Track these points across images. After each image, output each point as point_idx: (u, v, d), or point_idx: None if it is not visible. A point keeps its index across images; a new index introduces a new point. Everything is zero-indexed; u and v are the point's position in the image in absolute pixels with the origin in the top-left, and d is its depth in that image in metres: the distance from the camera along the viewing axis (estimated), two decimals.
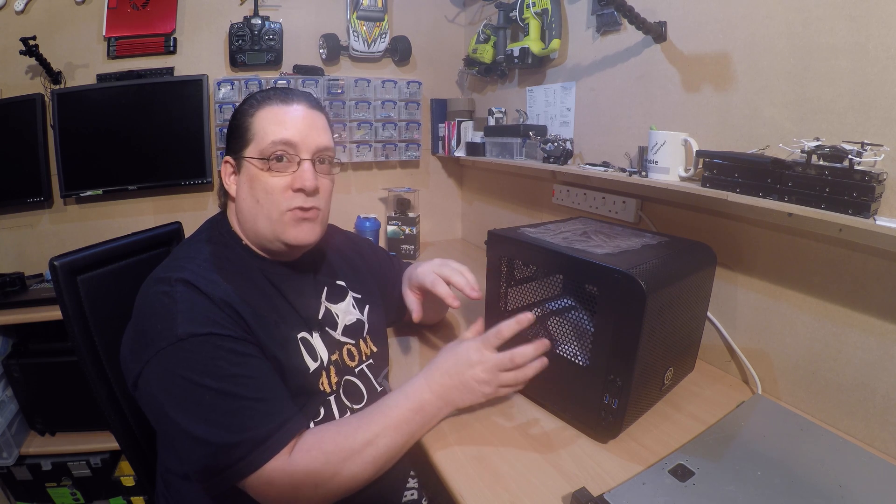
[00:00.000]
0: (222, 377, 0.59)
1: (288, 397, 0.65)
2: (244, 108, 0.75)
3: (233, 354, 0.61)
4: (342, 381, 0.78)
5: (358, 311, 0.87)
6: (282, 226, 0.72)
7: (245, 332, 0.64)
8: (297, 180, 0.72)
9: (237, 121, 0.75)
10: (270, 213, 0.72)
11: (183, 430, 0.58)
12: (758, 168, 0.77)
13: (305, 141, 0.73)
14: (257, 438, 0.58)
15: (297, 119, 0.73)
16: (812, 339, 0.82)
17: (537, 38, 1.38)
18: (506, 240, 0.87)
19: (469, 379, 0.72)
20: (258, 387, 0.61)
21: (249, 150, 0.72)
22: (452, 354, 0.74)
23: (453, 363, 0.73)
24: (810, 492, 0.61)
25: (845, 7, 0.72)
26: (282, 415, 0.61)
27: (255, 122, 0.73)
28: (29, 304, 1.35)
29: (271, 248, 0.75)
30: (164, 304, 0.62)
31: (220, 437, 0.57)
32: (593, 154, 1.30)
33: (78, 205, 1.60)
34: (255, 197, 0.72)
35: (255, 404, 0.60)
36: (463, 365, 0.73)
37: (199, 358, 0.59)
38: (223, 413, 0.58)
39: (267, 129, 0.71)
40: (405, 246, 1.80)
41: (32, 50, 1.35)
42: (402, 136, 1.88)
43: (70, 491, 1.51)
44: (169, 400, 0.59)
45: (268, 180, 0.71)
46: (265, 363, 0.65)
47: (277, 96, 0.74)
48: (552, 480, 0.66)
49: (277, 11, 1.66)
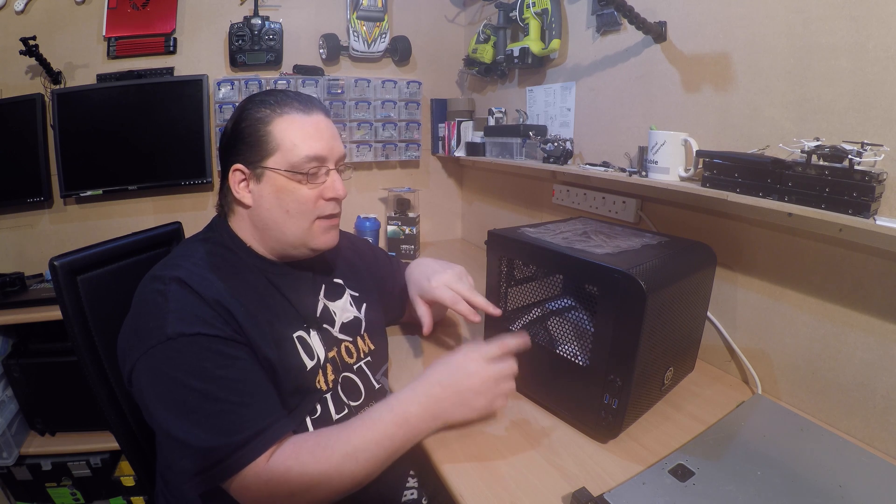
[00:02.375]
0: (208, 378, 0.59)
1: (275, 402, 0.64)
2: (258, 116, 0.71)
3: (220, 356, 0.61)
4: (340, 379, 0.78)
5: (355, 308, 0.88)
6: (311, 234, 0.74)
7: (235, 333, 0.64)
8: (330, 190, 0.74)
9: (252, 128, 0.71)
10: (301, 222, 0.73)
11: (165, 428, 0.58)
12: (758, 168, 0.77)
13: (332, 152, 0.75)
14: (236, 444, 0.57)
15: (323, 130, 0.74)
16: (812, 339, 0.82)
17: (537, 38, 1.38)
18: (506, 240, 0.87)
19: (465, 390, 0.71)
20: (243, 390, 0.61)
21: (274, 160, 0.71)
22: (446, 365, 0.73)
23: (447, 374, 0.71)
24: (810, 492, 0.61)
25: (845, 7, 0.72)
26: (263, 421, 0.60)
27: (277, 131, 0.71)
28: (29, 304, 1.35)
29: (293, 254, 0.77)
30: (156, 302, 0.63)
31: (199, 438, 0.57)
32: (593, 154, 1.30)
33: (78, 205, 1.60)
34: (283, 207, 0.72)
35: (237, 409, 0.59)
36: (460, 375, 0.71)
37: (186, 358, 0.59)
38: (205, 415, 0.58)
39: (296, 142, 0.71)
40: (405, 246, 1.80)
41: (32, 50, 1.35)
42: (402, 136, 1.88)
43: (70, 491, 1.51)
44: (155, 397, 0.59)
45: (302, 191, 0.72)
46: (253, 366, 0.64)
47: (295, 105, 0.72)
48: (552, 480, 0.66)
49: (277, 11, 1.66)
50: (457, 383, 0.71)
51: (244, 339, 0.65)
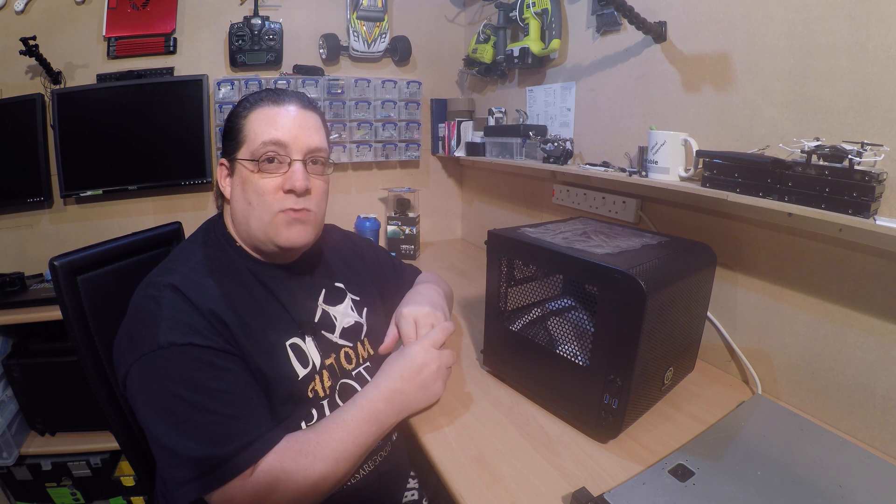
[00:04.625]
0: (198, 389, 0.59)
1: (264, 414, 0.63)
2: (238, 111, 0.75)
3: (211, 367, 0.61)
4: (337, 386, 0.78)
5: (356, 313, 0.87)
6: (273, 228, 0.72)
7: (227, 343, 0.64)
8: (288, 181, 0.71)
9: (231, 123, 0.75)
10: (262, 214, 0.72)
11: (155, 436, 0.58)
12: (758, 168, 0.77)
13: (297, 141, 0.72)
14: (223, 456, 0.57)
15: (289, 119, 0.73)
16: (812, 339, 0.82)
17: (537, 38, 1.38)
18: (506, 240, 0.87)
19: (425, 378, 0.77)
20: (232, 402, 0.61)
21: (242, 151, 0.72)
22: (404, 359, 0.77)
23: (407, 368, 0.76)
24: (810, 492, 0.61)
25: (845, 7, 0.72)
26: (250, 434, 0.60)
27: (247, 123, 0.73)
28: (29, 304, 1.35)
29: (265, 249, 0.75)
30: (150, 309, 0.63)
31: (188, 448, 0.57)
32: (593, 154, 1.30)
33: (78, 205, 1.60)
34: (247, 199, 0.72)
35: (227, 420, 0.59)
36: (418, 366, 0.77)
37: (176, 367, 0.59)
38: (194, 426, 0.58)
39: (258, 131, 0.71)
40: (405, 246, 1.80)
41: (32, 50, 1.35)
42: (402, 136, 1.88)
43: (70, 491, 1.51)
44: (146, 405, 0.60)
45: (258, 182, 0.71)
46: (244, 377, 0.64)
47: (269, 97, 0.74)
48: (552, 480, 0.66)
49: (277, 11, 1.66)
50: (416, 374, 0.76)
51: (236, 351, 0.65)
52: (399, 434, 0.86)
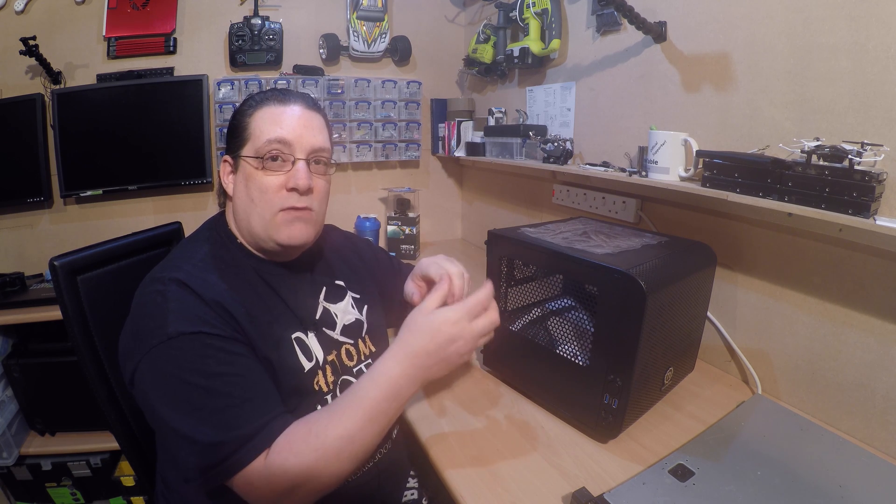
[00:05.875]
0: (210, 375, 0.59)
1: (276, 398, 0.64)
2: (243, 108, 0.76)
3: (222, 353, 0.61)
4: (339, 381, 0.78)
5: (357, 310, 0.87)
6: (274, 225, 0.72)
7: (235, 332, 0.65)
8: (291, 179, 0.72)
9: (236, 120, 0.76)
10: (264, 212, 0.72)
11: (171, 426, 0.58)
12: (758, 168, 0.77)
13: (300, 141, 0.73)
14: (241, 438, 0.57)
15: (293, 118, 0.73)
16: (812, 339, 0.82)
17: (537, 38, 1.38)
18: (506, 240, 0.87)
19: (451, 354, 0.67)
20: (246, 386, 0.61)
21: (246, 148, 0.73)
22: (428, 333, 0.67)
23: (434, 345, 0.66)
24: (810, 492, 0.61)
25: (845, 7, 0.72)
26: (266, 415, 0.60)
27: (253, 121, 0.74)
28: (29, 304, 1.35)
29: (266, 247, 0.75)
30: (156, 303, 0.63)
31: (205, 435, 0.57)
32: (593, 154, 1.30)
33: (78, 205, 1.60)
34: (249, 196, 0.73)
35: (241, 403, 0.60)
36: (444, 342, 0.67)
37: (188, 356, 0.60)
38: (210, 411, 0.58)
39: (263, 129, 0.72)
40: (405, 246, 1.80)
41: (32, 50, 1.35)
42: (402, 136, 1.88)
43: (70, 491, 1.51)
44: (159, 397, 0.59)
45: (262, 179, 0.72)
46: (254, 363, 0.65)
47: (275, 97, 0.75)
48: (552, 480, 0.66)
49: (277, 11, 1.66)
50: (443, 349, 0.67)
51: (244, 339, 0.66)
52: (399, 431, 0.86)
